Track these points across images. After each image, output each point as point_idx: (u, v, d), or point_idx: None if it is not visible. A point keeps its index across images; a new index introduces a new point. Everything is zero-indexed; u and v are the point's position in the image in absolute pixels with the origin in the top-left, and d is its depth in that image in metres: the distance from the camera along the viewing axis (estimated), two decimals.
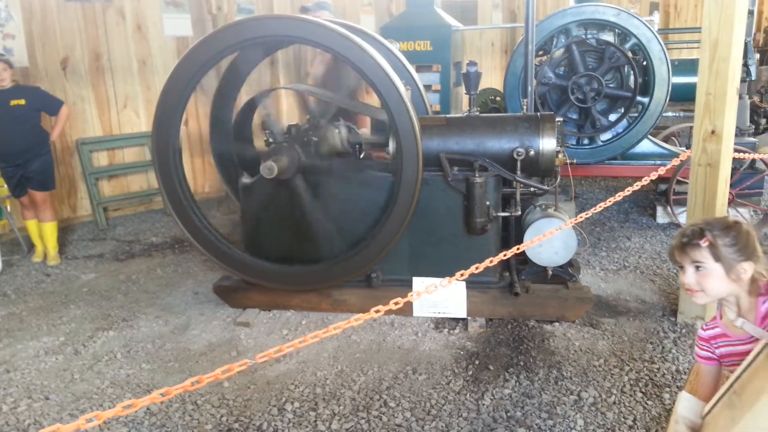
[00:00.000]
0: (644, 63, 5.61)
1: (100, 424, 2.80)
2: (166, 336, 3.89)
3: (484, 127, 3.89)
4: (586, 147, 5.84)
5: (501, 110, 6.88)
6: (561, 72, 5.75)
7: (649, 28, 5.45)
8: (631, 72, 5.58)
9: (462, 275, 2.47)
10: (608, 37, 5.61)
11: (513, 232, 4.06)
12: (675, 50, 9.25)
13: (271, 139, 3.88)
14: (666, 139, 6.63)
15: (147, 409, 3.04)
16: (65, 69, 6.27)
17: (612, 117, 5.79)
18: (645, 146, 5.82)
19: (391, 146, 3.76)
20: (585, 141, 5.88)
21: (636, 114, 5.69)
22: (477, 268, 2.51)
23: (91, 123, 6.54)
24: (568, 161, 3.99)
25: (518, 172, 3.77)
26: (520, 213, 3.92)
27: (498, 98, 7.40)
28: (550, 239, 3.60)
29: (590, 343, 3.57)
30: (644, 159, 5.84)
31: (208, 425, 2.94)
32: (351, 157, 4.00)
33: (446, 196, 3.83)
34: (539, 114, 3.92)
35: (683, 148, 5.99)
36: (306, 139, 3.86)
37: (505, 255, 2.78)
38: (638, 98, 5.58)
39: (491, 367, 3.35)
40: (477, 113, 4.13)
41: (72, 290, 4.74)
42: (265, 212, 3.98)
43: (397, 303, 2.19)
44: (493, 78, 10.53)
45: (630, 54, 5.58)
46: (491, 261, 2.63)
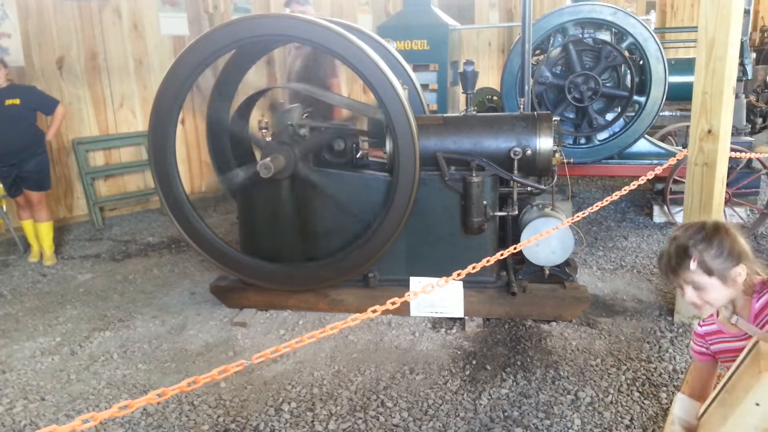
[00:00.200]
0: (641, 62, 5.61)
1: (96, 425, 2.79)
2: (163, 336, 3.88)
3: (481, 127, 3.89)
4: (583, 146, 5.84)
5: (498, 109, 6.89)
6: (558, 71, 5.75)
7: (646, 28, 5.46)
8: (628, 71, 5.58)
9: (459, 275, 2.47)
10: (605, 37, 5.61)
11: (510, 232, 4.07)
12: (671, 49, 9.27)
13: (269, 138, 3.87)
14: (663, 139, 6.64)
15: (143, 410, 3.03)
16: (61, 68, 6.24)
17: (609, 116, 5.79)
18: (642, 145, 5.83)
19: (389, 146, 3.76)
20: (582, 140, 5.88)
21: (633, 113, 5.70)
22: (474, 268, 2.51)
23: (88, 122, 6.52)
24: (565, 160, 3.99)
25: (515, 172, 3.77)
26: (517, 212, 3.92)
27: (495, 97, 7.41)
28: (547, 239, 3.60)
29: (587, 343, 3.57)
30: (641, 158, 5.84)
31: (205, 426, 2.93)
32: (348, 156, 3.99)
33: (443, 196, 3.82)
34: (536, 113, 3.93)
35: (680, 148, 5.99)
36: (303, 138, 3.85)
37: (502, 254, 2.79)
38: (635, 97, 5.58)
39: (488, 367, 3.35)
40: (474, 113, 4.13)
41: (68, 290, 4.72)
42: (262, 212, 3.97)
43: (394, 303, 2.19)
44: (490, 77, 10.54)
45: (627, 53, 5.58)
46: (488, 260, 2.63)
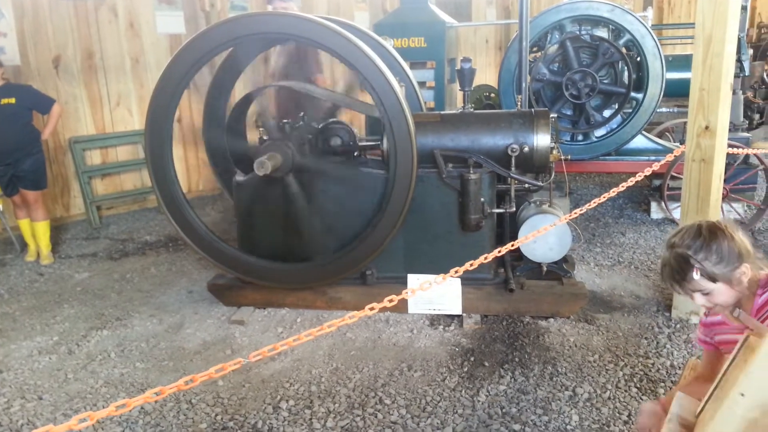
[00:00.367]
0: (638, 59, 5.61)
1: (94, 424, 2.79)
2: (161, 335, 3.88)
3: (479, 124, 3.89)
4: (581, 143, 5.84)
5: (495, 107, 6.88)
6: (555, 68, 5.75)
7: (643, 24, 5.45)
8: (625, 68, 5.58)
9: (457, 272, 2.47)
10: (602, 33, 5.61)
11: (508, 229, 4.07)
12: (669, 46, 9.26)
13: (266, 136, 3.86)
14: (660, 135, 6.64)
15: (141, 408, 3.02)
16: (57, 67, 6.22)
17: (606, 113, 5.79)
18: (639, 142, 5.83)
19: (386, 143, 3.75)
20: (579, 137, 5.88)
21: (630, 110, 5.70)
22: (472, 265, 2.51)
23: (84, 121, 6.50)
24: (563, 157, 3.99)
25: (513, 169, 3.77)
26: (515, 209, 3.92)
27: (492, 95, 7.40)
28: (545, 235, 3.60)
29: (585, 339, 3.58)
30: (638, 155, 5.85)
31: (203, 424, 2.93)
32: (345, 154, 3.98)
33: (441, 193, 3.82)
34: (533, 110, 3.92)
35: (677, 144, 5.99)
36: (300, 136, 3.84)
37: (500, 251, 2.79)
38: (632, 94, 5.58)
39: (486, 364, 3.35)
40: (471, 110, 4.13)
41: (65, 289, 4.71)
42: (259, 210, 3.97)
43: (392, 300, 2.19)
44: (488, 75, 10.54)
45: (624, 50, 5.58)
46: (486, 257, 2.63)
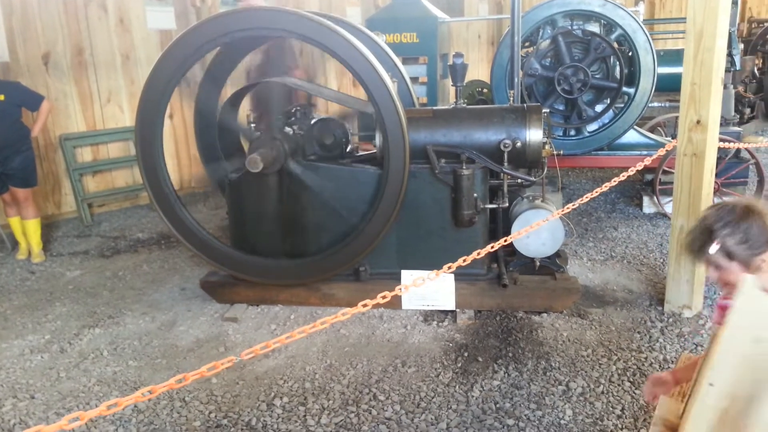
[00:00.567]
0: (630, 54, 5.62)
1: (87, 423, 2.78)
2: (153, 332, 3.86)
3: (471, 119, 3.88)
4: (573, 138, 5.86)
5: (488, 102, 6.89)
6: (547, 63, 5.75)
7: (635, 19, 5.46)
8: (617, 63, 5.59)
9: (450, 267, 2.47)
10: (594, 28, 5.62)
11: (501, 224, 4.07)
12: (660, 41, 9.30)
13: (257, 132, 3.84)
14: (652, 130, 6.66)
15: (134, 407, 3.01)
16: (47, 64, 6.17)
17: (598, 108, 5.81)
18: (631, 137, 5.85)
19: (378, 139, 3.74)
20: (571, 132, 5.89)
21: (622, 104, 5.71)
22: (465, 261, 2.52)
23: (75, 118, 6.45)
24: (555, 152, 3.99)
25: (505, 164, 3.77)
26: (508, 204, 3.92)
27: (485, 90, 7.41)
28: (538, 230, 3.61)
29: (578, 334, 3.59)
30: (630, 149, 5.87)
31: (197, 422, 2.92)
32: (337, 150, 3.97)
33: (434, 189, 3.82)
34: (526, 105, 3.92)
35: (669, 138, 6.01)
36: (292, 132, 3.83)
37: (493, 247, 2.79)
38: (624, 89, 5.60)
39: (480, 359, 3.36)
40: (464, 105, 4.12)
41: (57, 287, 4.69)
42: (252, 207, 3.95)
43: (385, 297, 2.19)
44: (480, 70, 10.53)
45: (616, 45, 5.59)
46: (479, 253, 2.63)
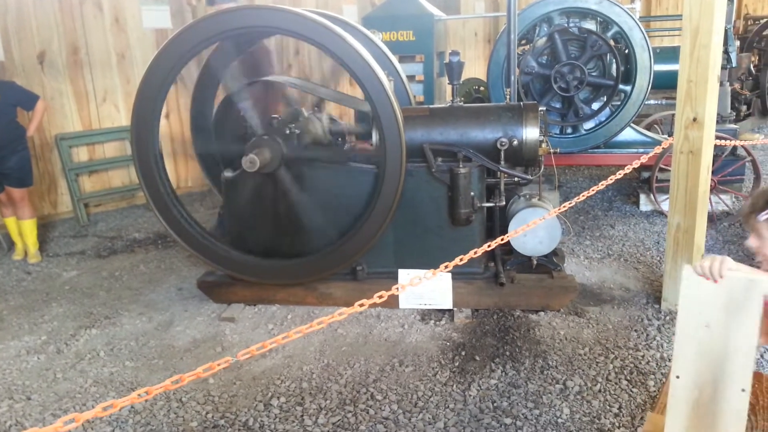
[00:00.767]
0: (626, 51, 5.62)
1: (83, 424, 2.77)
2: (150, 333, 3.85)
3: (468, 118, 3.88)
4: (570, 136, 5.86)
5: (484, 100, 6.88)
6: (544, 61, 5.75)
7: (631, 16, 5.46)
8: (614, 60, 5.59)
9: (447, 266, 2.46)
10: (590, 26, 5.62)
11: (497, 223, 4.07)
12: (656, 38, 9.29)
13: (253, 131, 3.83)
14: (648, 127, 6.67)
15: (131, 408, 3.00)
16: (42, 63, 6.15)
17: (595, 105, 5.81)
18: (628, 134, 5.85)
19: (375, 137, 3.73)
20: (568, 130, 5.89)
21: (618, 102, 5.71)
22: (462, 259, 2.51)
23: (70, 118, 6.43)
24: (552, 150, 3.99)
25: (502, 162, 3.77)
26: (505, 203, 3.92)
27: (481, 88, 7.39)
28: (535, 229, 3.60)
29: (575, 332, 3.59)
30: (627, 147, 5.87)
31: (194, 422, 2.92)
32: (334, 149, 3.97)
33: (430, 187, 3.81)
34: (522, 103, 3.92)
35: (665, 136, 6.01)
36: (288, 131, 3.82)
37: (490, 245, 2.78)
38: (620, 86, 5.60)
39: (477, 358, 3.36)
40: (460, 103, 4.12)
41: (53, 288, 4.67)
42: (248, 206, 3.94)
43: (381, 296, 2.19)
44: (477, 68, 10.52)
45: (612, 42, 5.59)
46: (476, 252, 2.63)
